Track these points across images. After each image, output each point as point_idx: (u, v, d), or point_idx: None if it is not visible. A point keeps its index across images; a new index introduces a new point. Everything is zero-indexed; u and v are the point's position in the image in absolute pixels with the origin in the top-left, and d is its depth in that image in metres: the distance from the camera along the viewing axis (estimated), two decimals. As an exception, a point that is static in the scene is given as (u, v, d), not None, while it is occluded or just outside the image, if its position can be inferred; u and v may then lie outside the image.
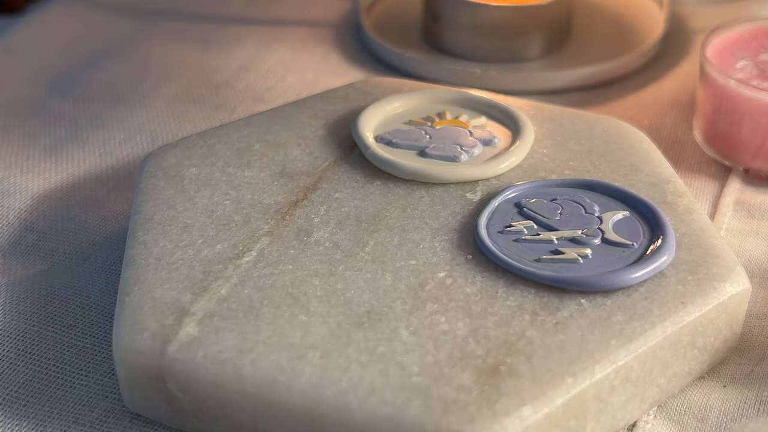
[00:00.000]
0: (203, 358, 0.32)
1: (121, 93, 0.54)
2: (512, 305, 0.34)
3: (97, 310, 0.39)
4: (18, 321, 0.38)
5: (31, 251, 0.43)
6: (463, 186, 0.40)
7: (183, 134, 0.51)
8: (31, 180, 0.47)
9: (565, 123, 0.43)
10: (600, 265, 0.35)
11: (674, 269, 0.35)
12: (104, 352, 0.37)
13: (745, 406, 0.35)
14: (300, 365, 0.32)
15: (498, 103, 0.44)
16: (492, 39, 0.55)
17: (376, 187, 0.40)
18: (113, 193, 0.47)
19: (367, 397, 0.31)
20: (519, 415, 0.30)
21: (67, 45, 0.59)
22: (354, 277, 0.35)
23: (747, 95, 0.45)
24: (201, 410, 0.33)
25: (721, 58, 0.47)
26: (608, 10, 0.60)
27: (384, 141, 0.42)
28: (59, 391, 0.36)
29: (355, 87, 0.46)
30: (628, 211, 0.38)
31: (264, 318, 0.34)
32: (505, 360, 0.32)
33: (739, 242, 0.43)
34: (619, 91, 0.54)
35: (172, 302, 0.34)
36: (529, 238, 0.37)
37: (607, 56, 0.55)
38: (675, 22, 0.60)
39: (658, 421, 0.35)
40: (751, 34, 0.49)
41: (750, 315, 0.39)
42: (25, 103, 0.54)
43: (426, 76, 0.54)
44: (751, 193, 0.46)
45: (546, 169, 0.41)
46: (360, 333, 0.33)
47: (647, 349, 0.33)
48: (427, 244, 0.37)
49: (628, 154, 0.41)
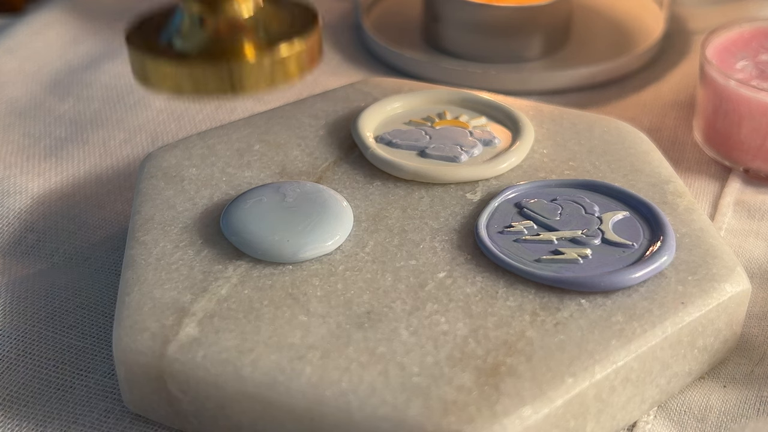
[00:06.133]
0: (203, 358, 0.32)
1: (121, 93, 0.54)
2: (512, 305, 0.34)
3: (97, 311, 0.39)
4: (18, 321, 0.38)
5: (31, 251, 0.43)
6: (463, 186, 0.40)
7: (183, 134, 0.51)
8: (31, 180, 0.47)
9: (565, 123, 0.43)
10: (600, 266, 0.35)
11: (674, 269, 0.35)
12: (104, 352, 0.37)
13: (745, 406, 0.35)
14: (300, 365, 0.32)
15: (498, 103, 0.44)
16: (492, 39, 0.55)
17: (376, 188, 0.40)
18: (113, 193, 0.47)
19: (367, 398, 0.31)
20: (519, 416, 0.30)
21: (67, 45, 0.59)
22: (354, 277, 0.35)
23: (747, 95, 0.45)
24: (201, 410, 0.33)
25: (721, 59, 0.47)
26: (608, 10, 0.60)
27: (384, 141, 0.42)
28: (59, 392, 0.36)
29: (355, 87, 0.46)
30: (628, 212, 0.38)
31: (264, 318, 0.34)
32: (505, 360, 0.32)
33: (739, 242, 0.43)
34: (619, 91, 0.54)
35: (172, 302, 0.34)
36: (529, 239, 0.37)
37: (607, 56, 0.55)
38: (675, 23, 0.60)
39: (658, 421, 0.35)
40: (751, 35, 0.49)
41: (750, 315, 0.39)
42: (25, 103, 0.54)
43: (426, 76, 0.54)
44: (751, 194, 0.46)
45: (546, 170, 0.41)
46: (360, 333, 0.33)
47: (647, 349, 0.33)
48: (427, 245, 0.37)
49: (628, 154, 0.41)
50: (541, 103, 0.46)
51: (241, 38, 0.31)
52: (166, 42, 0.31)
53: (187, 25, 0.31)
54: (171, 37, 0.31)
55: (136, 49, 0.31)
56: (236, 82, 0.31)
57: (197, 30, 0.31)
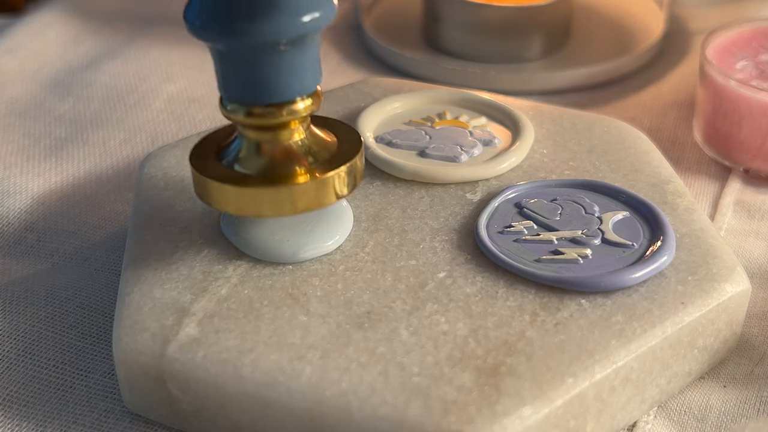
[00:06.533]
0: (203, 358, 0.32)
1: (121, 93, 0.54)
2: (512, 305, 0.34)
3: (97, 311, 0.39)
4: (18, 321, 0.38)
5: (31, 251, 0.43)
6: (463, 186, 0.40)
7: (183, 134, 0.51)
8: (31, 180, 0.47)
9: (565, 123, 0.43)
10: (600, 266, 0.35)
11: (674, 269, 0.35)
12: (104, 352, 0.37)
13: (745, 406, 0.35)
14: (300, 365, 0.32)
15: (498, 103, 0.44)
16: (492, 39, 0.55)
17: (376, 187, 0.40)
18: (113, 193, 0.47)
19: (367, 398, 0.31)
20: (519, 416, 0.30)
21: (67, 45, 0.59)
22: (354, 277, 0.35)
23: (747, 96, 0.45)
24: (201, 410, 0.33)
25: (721, 59, 0.47)
26: (608, 11, 0.60)
27: (384, 141, 0.42)
28: (59, 392, 0.36)
29: (355, 87, 0.46)
30: (628, 212, 0.38)
31: (264, 318, 0.34)
32: (505, 360, 0.32)
33: (739, 242, 0.43)
34: (619, 91, 0.54)
35: (172, 302, 0.34)
36: (529, 239, 0.37)
37: (607, 56, 0.55)
38: (675, 23, 0.60)
39: (658, 421, 0.35)
40: (751, 35, 0.49)
41: (750, 315, 0.39)
42: (25, 103, 0.54)
43: (426, 76, 0.54)
44: (751, 194, 0.46)
45: (546, 170, 0.41)
46: (360, 333, 0.33)
47: (647, 349, 0.33)
48: (427, 245, 0.37)
49: (628, 154, 0.41)
50: (541, 103, 0.46)
51: (294, 163, 0.34)
52: (226, 165, 0.35)
53: (245, 150, 0.34)
54: (231, 161, 0.35)
55: (199, 171, 0.34)
56: (292, 203, 0.34)
57: (255, 155, 0.34)
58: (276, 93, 0.33)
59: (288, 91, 0.33)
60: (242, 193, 0.34)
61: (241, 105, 0.34)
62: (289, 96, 0.33)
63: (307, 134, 0.35)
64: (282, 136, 0.34)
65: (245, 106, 0.33)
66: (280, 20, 0.31)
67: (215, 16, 0.32)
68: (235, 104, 0.34)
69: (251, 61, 0.32)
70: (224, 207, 0.34)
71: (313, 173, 0.34)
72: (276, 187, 0.34)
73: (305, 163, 0.34)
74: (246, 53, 0.32)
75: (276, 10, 0.31)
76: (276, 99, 0.33)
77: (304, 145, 0.34)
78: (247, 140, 0.34)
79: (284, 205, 0.34)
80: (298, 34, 0.32)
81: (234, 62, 0.33)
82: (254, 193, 0.34)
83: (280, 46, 0.32)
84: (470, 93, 0.45)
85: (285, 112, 0.33)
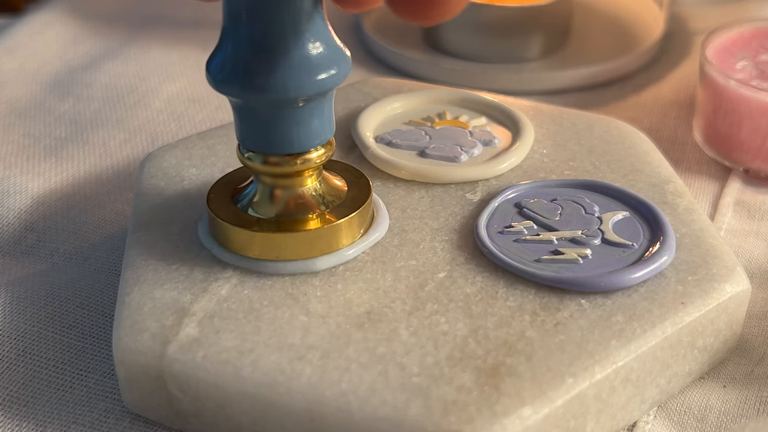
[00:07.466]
0: (203, 358, 0.32)
1: (121, 93, 0.54)
2: (512, 305, 0.34)
3: (97, 311, 0.39)
4: (18, 321, 0.38)
5: (31, 251, 0.43)
6: (463, 186, 0.40)
7: (183, 134, 0.51)
8: (31, 180, 0.47)
9: (565, 123, 0.43)
10: (600, 266, 0.35)
11: (674, 269, 0.35)
12: (104, 352, 0.37)
13: (745, 406, 0.35)
14: (300, 366, 0.32)
15: (498, 103, 0.44)
16: (492, 39, 0.55)
17: (376, 188, 0.39)
18: (113, 193, 0.47)
19: (367, 398, 0.31)
20: (519, 416, 0.30)
21: (67, 45, 0.59)
22: (354, 277, 0.35)
23: (747, 96, 0.45)
24: (201, 411, 0.33)
25: (721, 59, 0.47)
26: (608, 10, 0.60)
27: (384, 141, 0.42)
28: (59, 392, 0.36)
29: (355, 87, 0.46)
30: (628, 212, 0.38)
31: (264, 318, 0.34)
32: (505, 360, 0.32)
33: (739, 242, 0.43)
34: (619, 91, 0.54)
35: (172, 302, 0.34)
36: (529, 239, 0.37)
37: (607, 56, 0.55)
38: (675, 23, 0.60)
39: (658, 421, 0.35)
40: (751, 35, 0.49)
41: (750, 315, 0.39)
42: (25, 103, 0.54)
43: (426, 76, 0.54)
44: (751, 194, 0.46)
45: (546, 170, 0.41)
46: (360, 333, 0.33)
47: (647, 349, 0.33)
48: (427, 245, 0.37)
49: (628, 154, 0.41)
50: (541, 103, 0.46)
51: (307, 209, 0.35)
52: (242, 209, 0.36)
53: (260, 195, 0.36)
54: (246, 205, 0.36)
55: (217, 215, 0.36)
56: (306, 247, 0.35)
57: (268, 201, 0.36)
58: (292, 145, 0.34)
59: (304, 143, 0.34)
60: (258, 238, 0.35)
61: (257, 153, 0.35)
62: (304, 147, 0.34)
63: (319, 180, 0.36)
64: (296, 182, 0.35)
65: (262, 155, 0.35)
66: (299, 78, 0.32)
67: (236, 71, 0.32)
68: (252, 152, 0.35)
69: (269, 114, 0.33)
70: (244, 251, 0.35)
71: (326, 219, 0.35)
72: (290, 232, 0.35)
73: (317, 209, 0.36)
74: (264, 108, 0.33)
75: (295, 67, 0.32)
76: (292, 150, 0.34)
77: (317, 192, 0.36)
78: (263, 185, 0.36)
79: (302, 248, 0.35)
80: (316, 92, 0.33)
81: (252, 115, 0.34)
82: (270, 238, 0.35)
83: (299, 102, 0.33)
84: (470, 93, 0.45)
85: (300, 162, 0.35)
